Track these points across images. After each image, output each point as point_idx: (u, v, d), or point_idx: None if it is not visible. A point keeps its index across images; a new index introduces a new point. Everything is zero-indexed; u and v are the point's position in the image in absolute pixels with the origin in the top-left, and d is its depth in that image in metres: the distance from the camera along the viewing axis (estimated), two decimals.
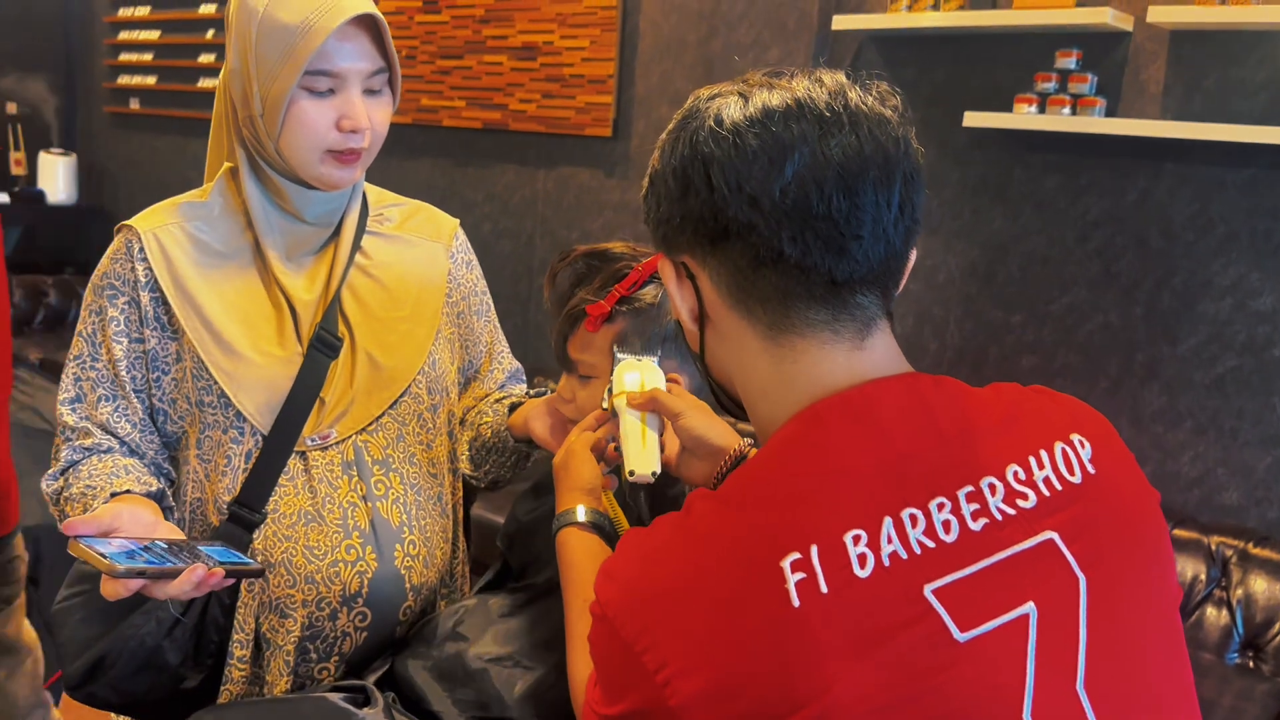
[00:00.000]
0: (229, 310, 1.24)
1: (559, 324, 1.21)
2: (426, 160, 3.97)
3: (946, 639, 0.71)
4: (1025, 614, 0.73)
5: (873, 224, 0.77)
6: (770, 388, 0.82)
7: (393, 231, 1.37)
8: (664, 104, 3.40)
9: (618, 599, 0.76)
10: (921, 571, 0.72)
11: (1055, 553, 0.76)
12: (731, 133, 0.78)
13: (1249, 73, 2.47)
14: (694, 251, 0.82)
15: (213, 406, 1.23)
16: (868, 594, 0.71)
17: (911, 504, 0.74)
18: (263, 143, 1.22)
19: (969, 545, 0.74)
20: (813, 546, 0.71)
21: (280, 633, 1.23)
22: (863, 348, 0.81)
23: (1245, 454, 2.55)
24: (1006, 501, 0.76)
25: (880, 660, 0.69)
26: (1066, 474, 0.79)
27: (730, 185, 0.77)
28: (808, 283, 0.78)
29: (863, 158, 0.77)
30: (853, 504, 0.73)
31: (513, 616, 1.19)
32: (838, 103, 0.78)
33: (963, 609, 0.72)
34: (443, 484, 1.37)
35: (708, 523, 0.76)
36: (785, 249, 0.77)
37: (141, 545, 1.03)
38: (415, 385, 1.33)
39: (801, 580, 0.70)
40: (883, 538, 0.72)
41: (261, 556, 1.24)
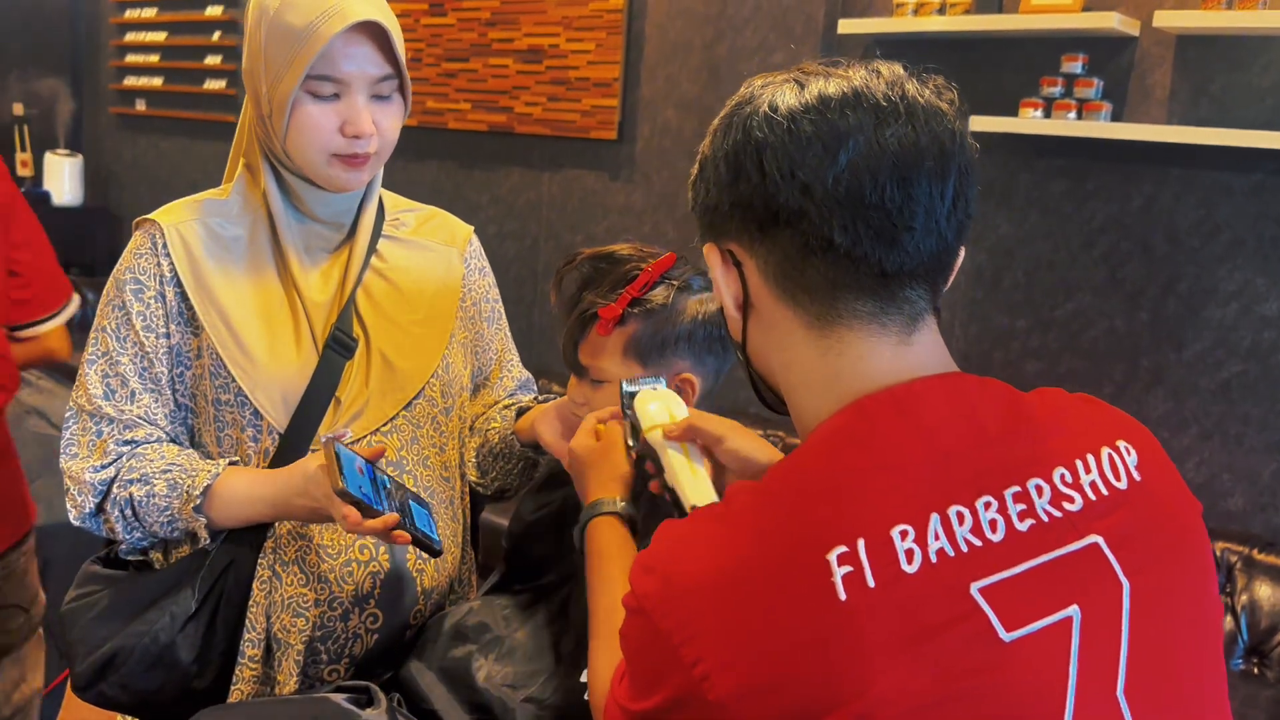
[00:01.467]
0: (247, 308, 1.24)
1: (568, 328, 1.20)
2: (432, 163, 3.98)
3: (992, 638, 0.70)
4: (1069, 616, 0.73)
5: (925, 216, 0.76)
6: (814, 380, 0.81)
7: (408, 236, 1.38)
8: (669, 107, 3.40)
9: (656, 591, 0.74)
10: (968, 570, 0.71)
11: (1100, 557, 0.76)
12: (786, 119, 0.77)
13: (1255, 78, 2.47)
14: (742, 238, 0.81)
15: (230, 405, 1.24)
16: (915, 590, 0.70)
17: (958, 502, 0.73)
18: (273, 142, 1.23)
19: (1015, 545, 0.73)
20: (860, 540, 0.70)
21: (292, 632, 1.24)
22: (909, 343, 0.80)
23: (1250, 459, 2.54)
24: (1053, 504, 0.76)
25: (926, 657, 0.68)
26: (1113, 479, 0.79)
27: (783, 171, 0.77)
28: (856, 273, 0.77)
29: (918, 149, 0.76)
30: (900, 499, 0.73)
31: (518, 620, 1.19)
32: (895, 93, 0.78)
33: (1009, 609, 0.71)
34: (454, 488, 1.37)
35: (750, 514, 0.75)
36: (835, 238, 0.76)
37: (373, 473, 1.13)
38: (429, 388, 1.33)
39: (848, 574, 0.69)
40: (930, 534, 0.71)
41: (275, 555, 1.25)
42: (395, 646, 1.27)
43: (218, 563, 1.22)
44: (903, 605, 0.69)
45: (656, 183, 3.45)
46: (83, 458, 1.22)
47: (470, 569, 1.43)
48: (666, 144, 3.42)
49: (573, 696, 1.09)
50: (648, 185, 3.48)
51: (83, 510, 1.22)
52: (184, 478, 1.20)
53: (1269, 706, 2.25)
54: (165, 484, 1.20)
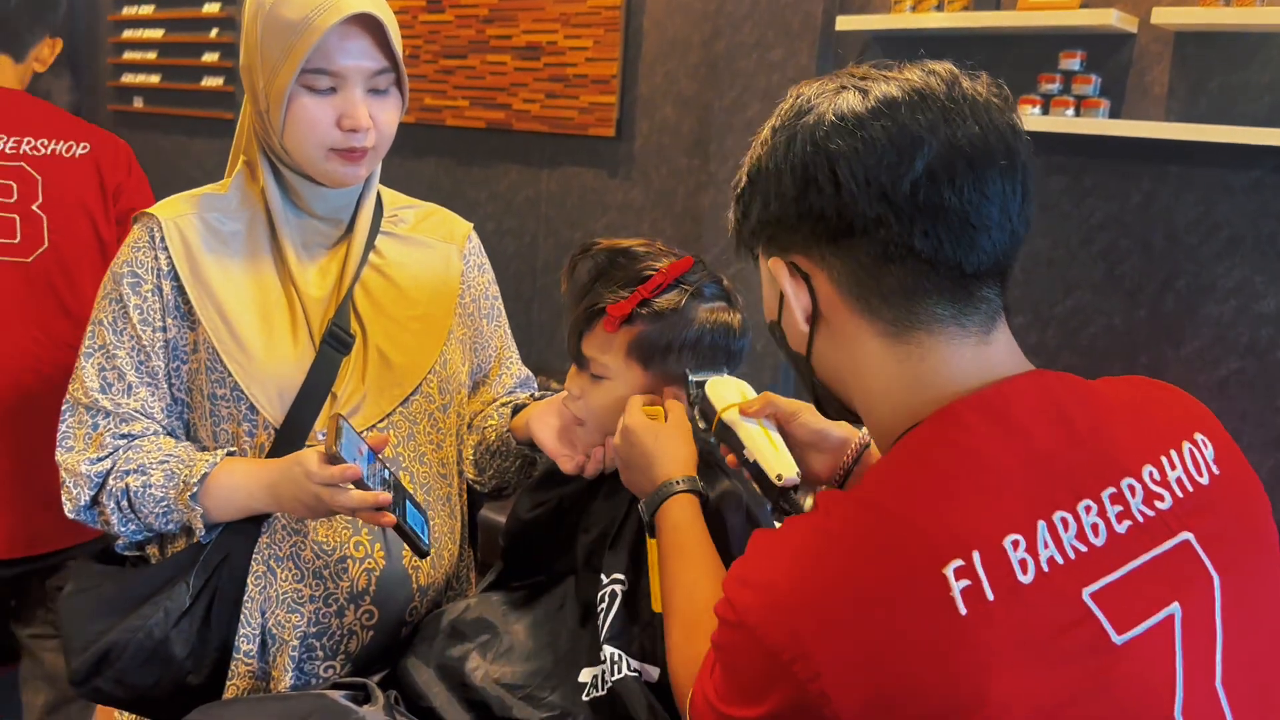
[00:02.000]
0: (244, 303, 1.24)
1: (576, 317, 1.19)
2: (430, 160, 3.97)
3: (1106, 642, 0.71)
4: (1171, 614, 0.74)
5: (1000, 213, 0.77)
6: (894, 388, 0.80)
7: (407, 233, 1.38)
8: (667, 104, 3.40)
9: (759, 606, 0.73)
10: (1078, 576, 0.72)
11: (1192, 554, 0.77)
12: (855, 125, 0.76)
13: (1254, 75, 2.46)
14: (810, 250, 0.80)
15: (225, 399, 1.24)
16: (1032, 600, 0.70)
17: (1061, 507, 0.73)
18: (271, 137, 1.23)
19: (1117, 548, 0.74)
20: (975, 553, 0.70)
21: (287, 628, 1.23)
22: (989, 342, 0.80)
23: (1248, 456, 2.51)
24: (1146, 503, 0.77)
25: (1044, 664, 0.69)
26: (1196, 475, 0.80)
27: (859, 181, 0.76)
28: (937, 277, 0.77)
29: (988, 146, 0.76)
30: (1006, 507, 0.72)
31: (515, 617, 1.19)
32: (956, 91, 0.78)
33: (1118, 612, 0.72)
34: (451, 485, 1.37)
35: (853, 526, 0.74)
36: (917, 244, 0.75)
37: (373, 460, 1.13)
38: (426, 384, 1.33)
39: (967, 588, 0.69)
40: (1040, 543, 0.72)
41: (270, 550, 1.24)
42: (391, 644, 1.26)
43: (212, 558, 1.22)
44: (1020, 616, 0.69)
45: (655, 180, 3.45)
46: (79, 450, 1.22)
47: (468, 566, 1.43)
48: (665, 141, 3.42)
49: (572, 695, 1.09)
50: (646, 183, 3.47)
51: (78, 503, 1.21)
52: (181, 468, 1.20)
53: None
54: (162, 474, 1.19)
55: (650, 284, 1.15)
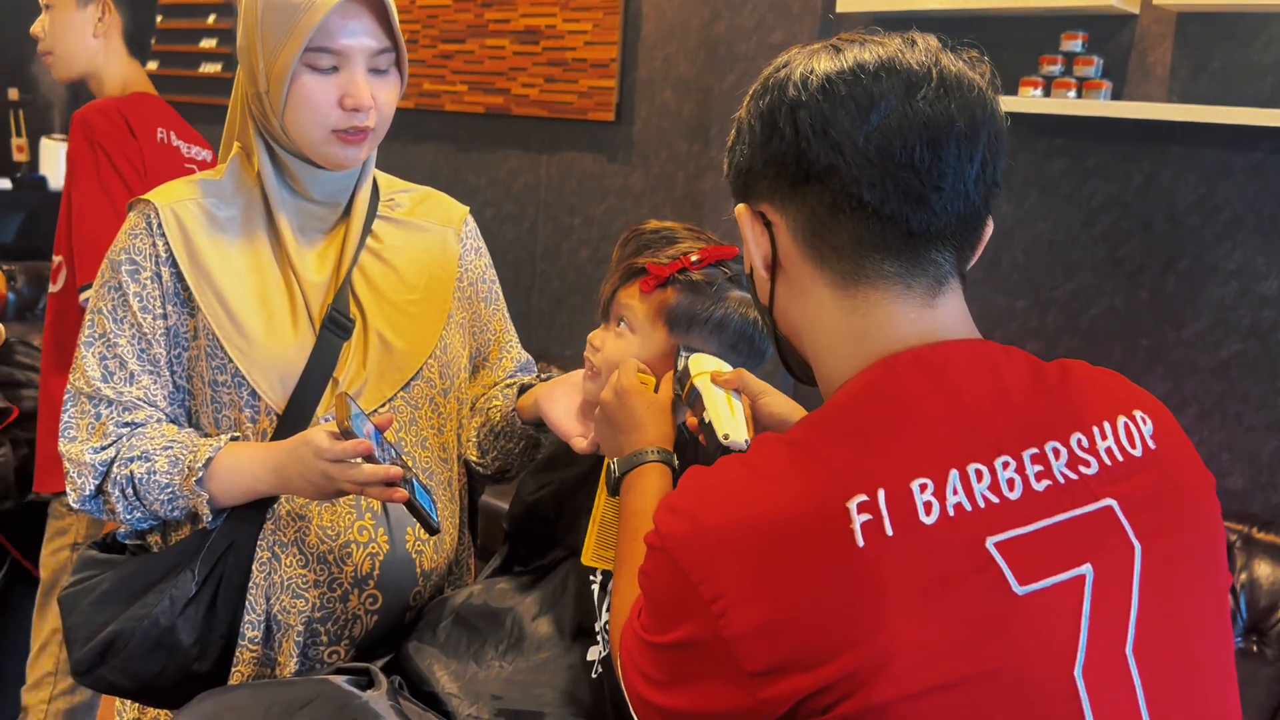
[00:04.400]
0: (243, 288, 1.24)
1: (614, 277, 1.23)
2: (429, 145, 3.96)
3: (1005, 591, 0.72)
4: (1082, 575, 0.75)
5: (954, 178, 0.78)
6: (838, 340, 0.83)
7: (403, 216, 1.38)
8: (667, 88, 3.39)
9: (679, 531, 0.76)
10: (984, 524, 0.73)
11: (1114, 520, 0.78)
12: (822, 80, 0.80)
13: (1256, 55, 2.45)
14: (773, 198, 0.83)
15: (227, 385, 1.24)
16: (931, 541, 0.72)
17: (977, 459, 0.75)
18: (269, 120, 1.23)
19: (1031, 504, 0.75)
20: (880, 490, 0.72)
21: (292, 614, 1.24)
22: (934, 306, 0.82)
23: (1250, 439, 2.54)
24: (1069, 466, 0.78)
25: (939, 606, 0.70)
26: (1129, 446, 0.81)
27: (815, 129, 0.79)
28: (884, 232, 0.79)
29: (948, 114, 0.78)
30: (921, 453, 0.75)
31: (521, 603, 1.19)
32: (929, 61, 0.80)
33: (1022, 563, 0.73)
34: (452, 470, 1.37)
35: (774, 462, 0.77)
36: (864, 195, 0.78)
37: (380, 439, 1.12)
38: (427, 368, 1.33)
39: (867, 522, 0.71)
40: (948, 489, 0.73)
41: (274, 536, 1.24)
42: (395, 628, 1.27)
43: (217, 545, 1.22)
44: (919, 555, 0.71)
45: (655, 164, 3.44)
46: (82, 440, 1.22)
47: (468, 552, 1.43)
48: (665, 125, 3.41)
49: (581, 676, 1.10)
50: (646, 167, 3.46)
51: (82, 492, 1.21)
52: (185, 453, 1.20)
53: (1268, 684, 2.26)
54: (166, 460, 1.19)
55: (691, 257, 1.19)
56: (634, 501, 1.02)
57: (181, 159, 2.10)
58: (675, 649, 0.77)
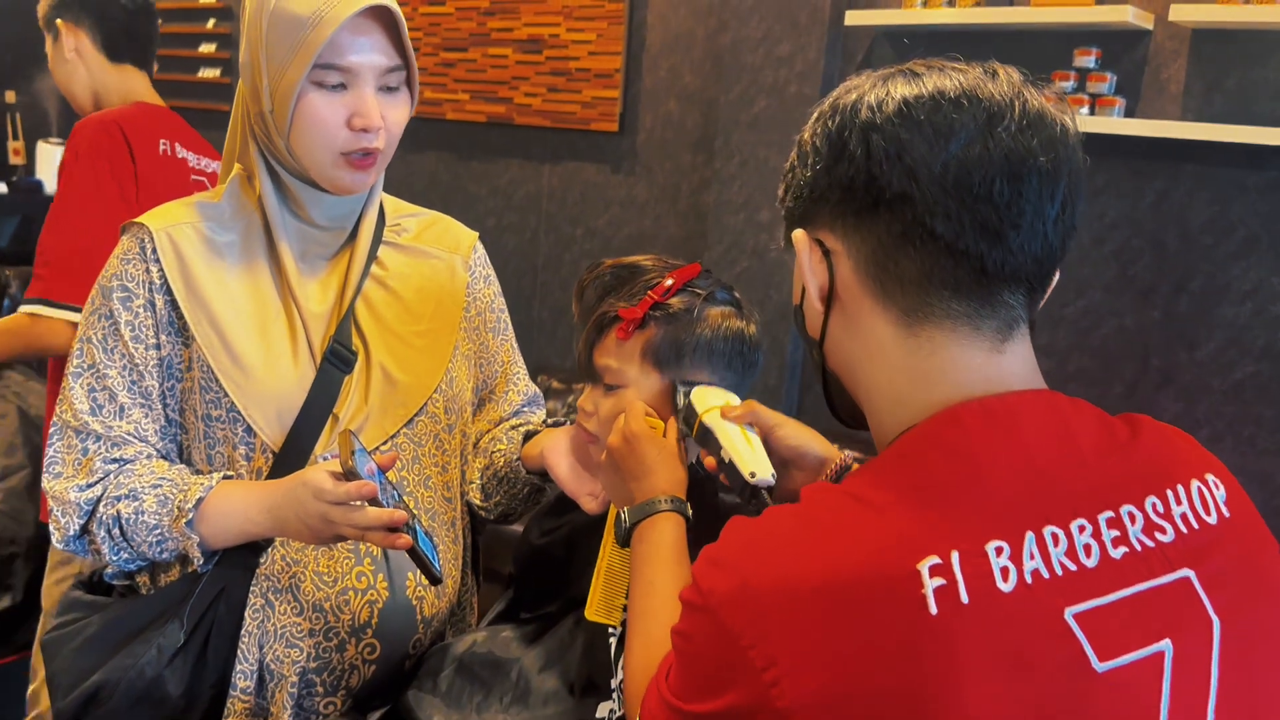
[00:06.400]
0: (241, 317, 1.19)
1: (586, 332, 1.17)
2: (430, 154, 3.92)
3: (1085, 668, 0.67)
4: (1161, 651, 0.70)
5: (1033, 216, 0.74)
6: (899, 383, 0.78)
7: (409, 243, 1.33)
8: (671, 99, 3.35)
9: (724, 588, 0.70)
10: (1062, 594, 0.68)
11: (1192, 593, 0.73)
12: (899, 104, 0.75)
13: (1272, 73, 2.41)
14: (835, 225, 0.79)
15: (221, 421, 1.18)
16: (1009, 610, 0.66)
17: (1053, 522, 0.70)
18: (274, 141, 1.17)
19: (1109, 572, 0.71)
20: (954, 552, 0.67)
21: (285, 664, 1.19)
22: (1002, 351, 0.77)
23: (1263, 462, 2.50)
24: (1145, 533, 0.73)
25: (1017, 683, 0.65)
26: (1203, 514, 0.77)
27: (889, 153, 0.74)
28: (955, 269, 0.74)
29: (1031, 150, 0.74)
30: (995, 513, 0.70)
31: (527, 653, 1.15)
32: (1011, 94, 0.76)
33: (1102, 638, 0.68)
34: (456, 509, 1.32)
35: (832, 514, 0.71)
36: (938, 227, 0.73)
37: (383, 480, 1.08)
38: (432, 404, 1.28)
39: (940, 587, 0.66)
40: (1025, 553, 0.68)
41: (268, 583, 1.19)
42: (394, 678, 1.22)
43: (208, 591, 1.17)
44: (996, 626, 0.66)
45: (659, 175, 3.40)
46: (67, 476, 1.17)
47: (471, 594, 1.38)
48: (669, 136, 3.37)
49: None
50: (650, 178, 3.42)
51: (67, 533, 1.16)
52: (175, 493, 1.14)
53: None
54: (155, 500, 1.14)
55: (660, 288, 1.14)
56: (647, 553, 0.97)
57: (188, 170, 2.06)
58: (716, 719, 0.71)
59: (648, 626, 0.90)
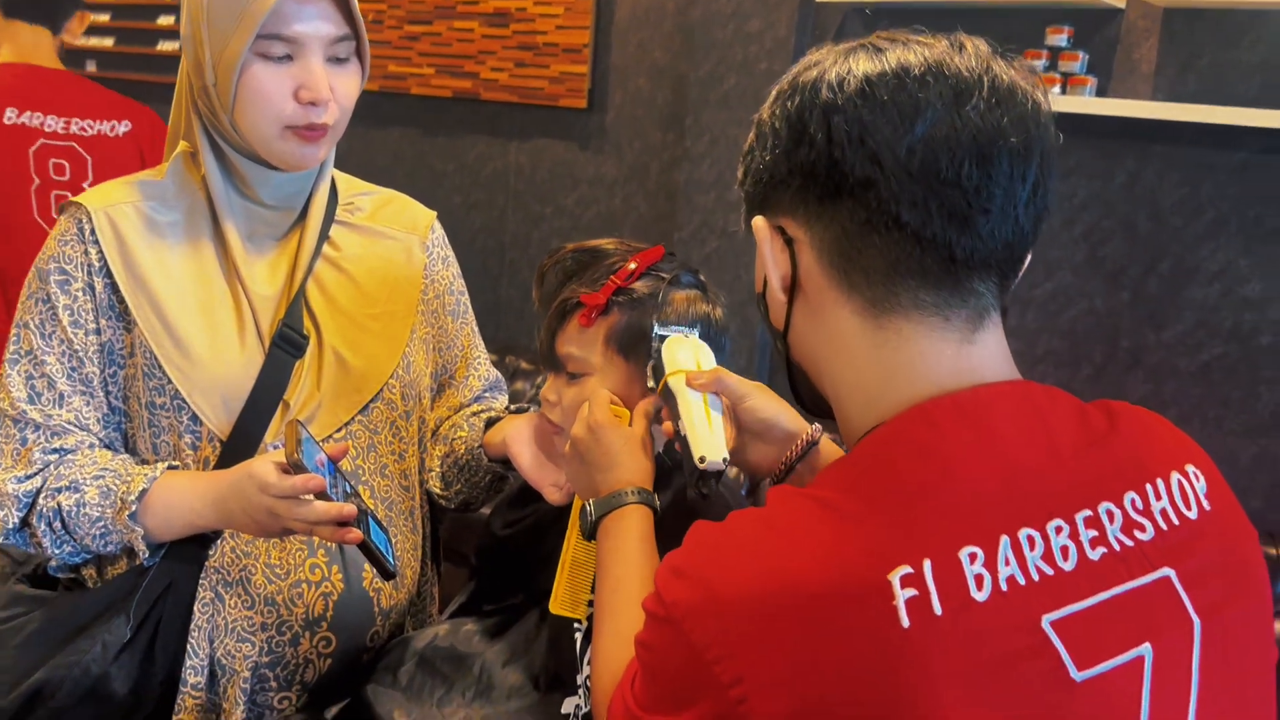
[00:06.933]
0: (185, 301, 1.14)
1: (548, 320, 1.13)
2: (394, 130, 3.84)
3: (1063, 677, 0.65)
4: (1141, 656, 0.68)
5: (1003, 199, 0.71)
6: (866, 377, 0.75)
7: (364, 222, 1.28)
8: (641, 75, 3.30)
9: (688, 599, 0.67)
10: (1039, 600, 0.66)
11: (1172, 593, 0.71)
12: (861, 82, 0.71)
13: (1243, 53, 2.40)
14: (797, 212, 0.75)
15: (165, 408, 1.14)
16: (984, 620, 0.64)
17: (1029, 524, 0.68)
18: (218, 116, 1.13)
19: (1087, 575, 0.68)
20: (926, 561, 0.64)
21: (237, 659, 1.15)
22: (973, 341, 0.74)
23: (1229, 443, 2.51)
24: (1124, 532, 0.71)
25: (994, 695, 0.63)
26: (1184, 508, 0.74)
27: (851, 136, 0.71)
28: (923, 257, 0.71)
29: (1000, 129, 0.70)
30: (968, 517, 0.67)
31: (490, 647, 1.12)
32: (979, 68, 0.72)
33: (1081, 645, 0.66)
34: (414, 498, 1.28)
35: (800, 522, 0.68)
36: (903, 214, 0.70)
37: (334, 471, 1.04)
38: (388, 389, 1.24)
39: (912, 598, 0.63)
40: (1000, 559, 0.66)
41: (217, 575, 1.15)
42: (351, 671, 1.18)
43: (155, 585, 1.13)
44: (971, 637, 0.63)
45: (628, 154, 3.36)
46: (6, 468, 1.12)
47: (431, 584, 1.35)
48: (639, 113, 3.32)
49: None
50: (619, 156, 3.38)
51: (6, 526, 1.11)
52: (118, 484, 1.10)
53: None
54: (97, 491, 1.10)
55: (623, 272, 1.10)
56: (614, 547, 0.94)
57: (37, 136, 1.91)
58: None
59: (615, 625, 0.87)
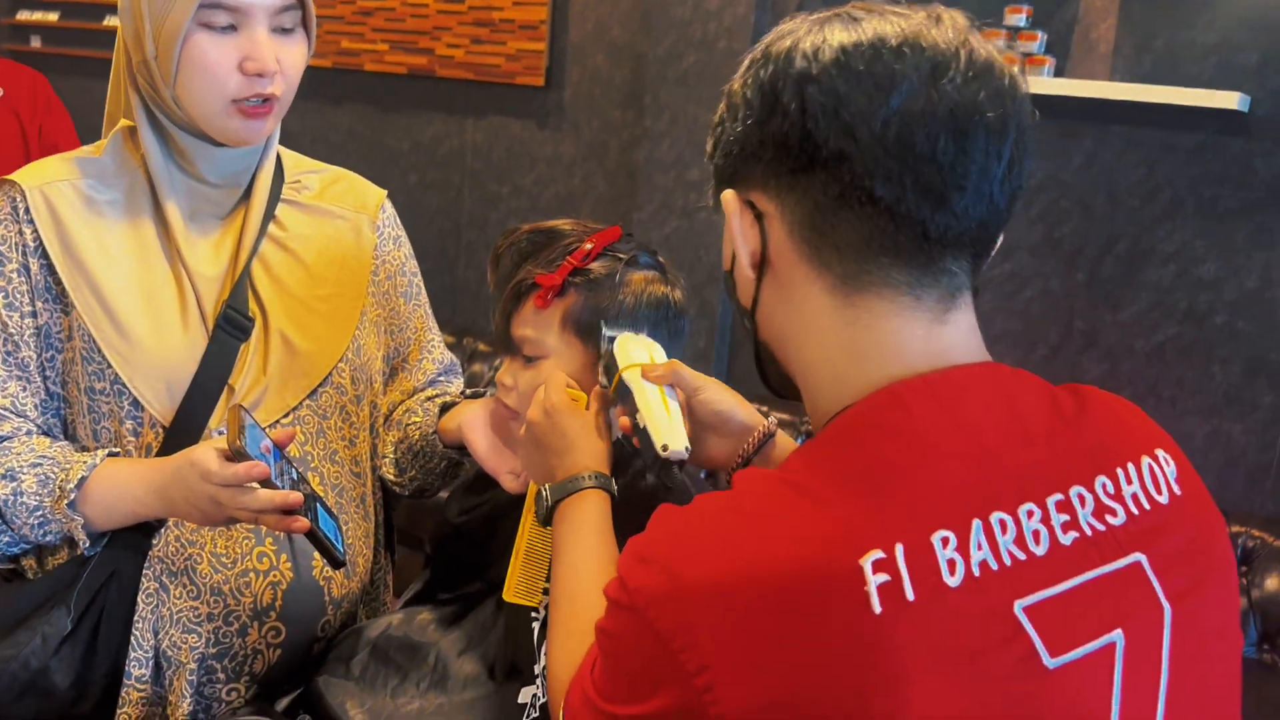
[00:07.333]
0: (125, 282, 1.10)
1: (503, 302, 1.11)
2: (347, 107, 3.77)
3: (1037, 665, 0.64)
4: (1112, 642, 0.67)
5: (979, 176, 0.69)
6: (835, 356, 0.73)
7: (311, 201, 1.24)
8: (599, 52, 3.26)
9: (651, 585, 0.65)
10: (1011, 586, 0.65)
11: (1142, 578, 0.70)
12: (837, 52, 0.70)
13: (1200, 35, 2.42)
14: (768, 185, 0.73)
15: (105, 394, 1.10)
16: (956, 606, 0.63)
17: (1000, 508, 0.66)
18: (158, 90, 1.08)
19: (1059, 560, 0.67)
20: (898, 545, 0.62)
21: (183, 650, 1.11)
22: (945, 322, 0.72)
23: (1184, 423, 2.54)
24: (1096, 516, 0.70)
25: (967, 685, 0.62)
26: (1154, 493, 0.73)
27: (826, 108, 0.69)
28: (896, 234, 0.69)
29: (977, 104, 0.69)
30: (940, 500, 0.65)
31: (446, 636, 1.09)
32: (957, 41, 0.70)
33: (1053, 631, 0.65)
34: (365, 484, 1.25)
35: (769, 506, 0.66)
36: (877, 189, 0.68)
37: (280, 457, 1.01)
38: (337, 373, 1.20)
39: (884, 584, 0.61)
40: (972, 543, 0.64)
41: (162, 565, 1.11)
42: (301, 662, 1.15)
43: (97, 575, 1.09)
44: (943, 624, 0.62)
45: (586, 132, 3.32)
46: None
47: (385, 572, 1.32)
48: (596, 92, 3.28)
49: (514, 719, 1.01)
50: (577, 134, 3.34)
51: None
52: (56, 472, 1.06)
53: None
54: (35, 479, 1.06)
55: (579, 252, 1.08)
56: (570, 533, 0.92)
57: None
58: None
59: (572, 610, 0.86)
